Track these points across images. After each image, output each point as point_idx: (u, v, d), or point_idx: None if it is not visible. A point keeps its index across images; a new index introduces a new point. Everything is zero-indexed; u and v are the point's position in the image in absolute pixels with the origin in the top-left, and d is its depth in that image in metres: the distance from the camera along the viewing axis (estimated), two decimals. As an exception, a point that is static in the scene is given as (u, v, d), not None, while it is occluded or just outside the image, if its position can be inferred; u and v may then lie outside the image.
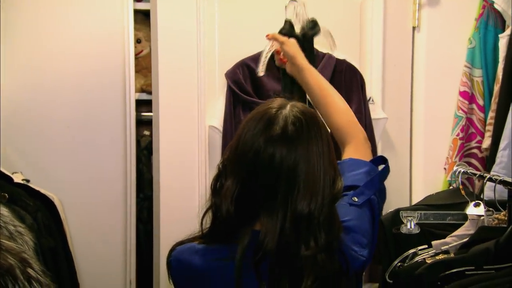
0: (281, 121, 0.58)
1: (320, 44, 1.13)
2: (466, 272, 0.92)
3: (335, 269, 0.59)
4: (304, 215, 0.58)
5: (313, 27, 1.04)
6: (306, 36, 1.03)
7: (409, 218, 1.15)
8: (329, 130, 0.68)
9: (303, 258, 0.57)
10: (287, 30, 1.02)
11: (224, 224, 0.61)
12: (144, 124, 1.44)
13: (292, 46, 0.91)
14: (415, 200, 1.22)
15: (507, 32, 1.08)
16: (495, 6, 1.09)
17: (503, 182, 0.96)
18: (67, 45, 1.29)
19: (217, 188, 0.63)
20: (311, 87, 0.79)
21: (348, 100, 1.20)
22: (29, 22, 1.23)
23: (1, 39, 1.16)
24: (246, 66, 1.16)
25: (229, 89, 1.16)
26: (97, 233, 1.31)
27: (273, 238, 0.56)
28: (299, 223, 0.58)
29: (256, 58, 1.07)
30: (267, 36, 0.96)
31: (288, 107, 0.60)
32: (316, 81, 0.79)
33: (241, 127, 0.62)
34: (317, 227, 0.59)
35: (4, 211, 1.06)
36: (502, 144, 1.11)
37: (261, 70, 0.96)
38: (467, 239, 1.02)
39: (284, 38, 0.91)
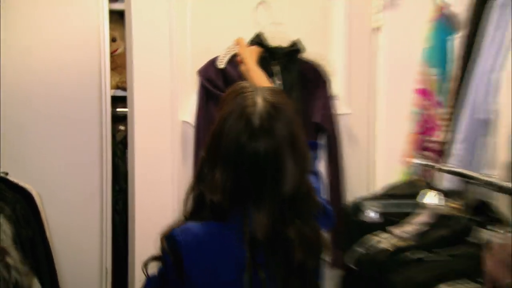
0: (257, 118, 0.66)
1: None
2: (425, 259, 1.03)
3: (318, 237, 0.73)
4: (289, 196, 0.67)
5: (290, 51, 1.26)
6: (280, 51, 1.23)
7: (371, 207, 1.26)
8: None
9: (296, 236, 0.68)
10: (256, 40, 1.21)
11: (212, 209, 0.69)
12: (119, 120, 1.52)
13: (246, 51, 1.13)
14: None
15: (460, 33, 1.19)
16: (449, 9, 1.19)
17: (459, 173, 1.06)
18: (45, 43, 1.36)
19: (202, 178, 0.71)
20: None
21: (314, 97, 1.30)
22: (5, 19, 1.26)
23: None
24: (224, 65, 1.24)
25: (202, 85, 1.23)
26: (75, 224, 1.37)
27: (264, 230, 0.66)
28: (285, 205, 0.68)
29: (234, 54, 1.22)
30: (235, 40, 1.18)
31: (261, 102, 0.68)
32: (259, 80, 0.99)
33: (220, 124, 0.70)
34: (299, 204, 0.70)
35: None
36: (457, 138, 1.21)
37: (220, 63, 1.16)
38: (425, 227, 1.13)
39: (243, 44, 1.14)
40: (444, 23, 1.25)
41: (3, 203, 1.21)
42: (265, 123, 0.68)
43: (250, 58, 1.12)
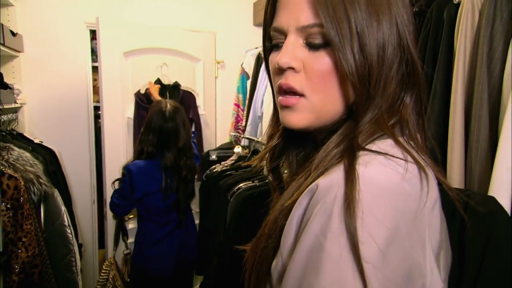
0: (167, 111, 1.86)
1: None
2: (233, 174, 2.26)
3: (194, 166, 1.90)
4: (181, 147, 1.86)
5: (174, 85, 2.44)
6: (169, 86, 2.45)
7: (213, 153, 2.51)
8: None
9: (184, 165, 1.85)
10: (157, 81, 2.40)
11: (147, 154, 1.79)
12: (97, 117, 2.72)
13: (153, 87, 2.27)
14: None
15: (250, 79, 2.53)
16: (245, 68, 2.53)
17: (248, 138, 2.39)
18: (60, 80, 2.43)
19: (141, 141, 1.86)
20: None
21: (189, 106, 2.60)
22: (28, 70, 2.45)
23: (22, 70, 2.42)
24: (145, 92, 2.51)
25: (136, 101, 2.46)
26: (76, 168, 2.49)
27: (170, 161, 1.82)
28: (180, 151, 1.86)
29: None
30: (149, 82, 2.35)
31: (168, 105, 1.89)
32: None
33: (150, 115, 1.85)
34: (187, 151, 1.89)
35: (27, 154, 1.75)
36: (248, 124, 2.51)
37: (141, 91, 2.29)
38: (234, 161, 2.34)
39: (152, 84, 2.28)
40: (243, 75, 2.59)
41: (38, 154, 1.89)
42: (171, 114, 1.92)
43: (155, 90, 2.29)
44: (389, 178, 0.44)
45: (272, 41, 0.56)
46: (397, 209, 0.42)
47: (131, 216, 2.41)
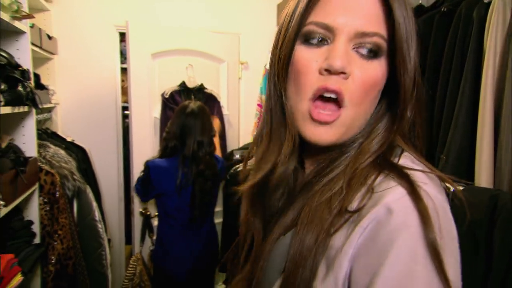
0: (191, 108, 1.95)
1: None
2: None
3: (214, 163, 1.94)
4: (202, 141, 1.89)
5: (199, 88, 2.50)
6: (194, 89, 2.51)
7: (237, 153, 2.55)
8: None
9: (203, 157, 1.87)
10: (182, 84, 2.46)
11: (171, 150, 1.86)
12: (125, 117, 2.80)
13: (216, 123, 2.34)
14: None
15: None
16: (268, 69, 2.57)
17: None
18: (92, 81, 2.55)
19: (166, 138, 1.93)
20: None
21: (213, 106, 2.64)
22: (63, 72, 2.57)
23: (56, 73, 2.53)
24: (170, 94, 2.58)
25: (163, 101, 2.56)
26: (105, 166, 2.59)
27: (190, 151, 1.85)
28: (200, 145, 1.92)
29: (175, 91, 2.47)
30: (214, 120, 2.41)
31: (193, 103, 1.96)
32: None
33: (175, 113, 1.92)
34: (207, 146, 1.88)
35: (62, 152, 1.95)
36: None
37: (165, 94, 2.37)
38: None
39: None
40: (267, 76, 2.62)
41: (72, 152, 2.05)
42: (194, 110, 1.97)
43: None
44: (442, 195, 0.46)
45: (309, 36, 0.50)
46: (453, 223, 0.45)
47: (157, 213, 2.48)
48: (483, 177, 1.08)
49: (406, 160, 0.50)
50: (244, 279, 0.59)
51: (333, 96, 0.49)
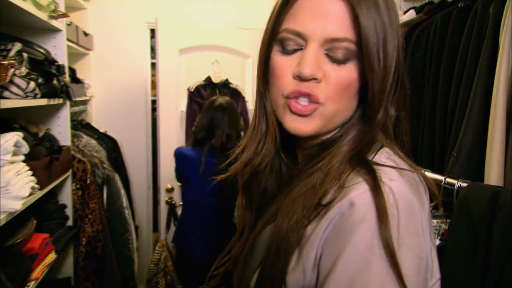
0: (219, 102, 2.01)
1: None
2: None
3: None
4: (230, 134, 1.96)
5: (224, 83, 2.57)
6: (219, 84, 2.58)
7: None
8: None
9: (228, 147, 1.91)
10: (208, 79, 2.55)
11: (200, 140, 1.92)
12: (154, 110, 2.94)
13: None
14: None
15: None
16: None
17: None
18: (124, 76, 2.69)
19: (195, 130, 2.01)
20: None
21: (238, 101, 2.71)
22: (98, 68, 2.73)
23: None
24: (196, 88, 2.68)
25: (188, 95, 2.66)
26: (134, 156, 2.72)
27: (218, 142, 1.91)
28: (229, 137, 1.96)
29: (201, 85, 2.59)
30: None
31: (220, 98, 2.03)
32: None
33: (203, 108, 2.00)
34: (235, 139, 1.96)
35: (93, 141, 2.04)
36: None
37: (191, 88, 2.46)
38: None
39: None
40: None
41: (102, 142, 2.16)
42: (223, 104, 2.03)
43: None
44: (412, 190, 0.48)
45: (283, 43, 0.53)
46: (419, 218, 0.47)
47: (182, 203, 2.59)
48: (493, 174, 1.08)
49: (381, 156, 0.53)
50: (235, 271, 0.63)
51: (307, 99, 0.53)
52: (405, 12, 1.65)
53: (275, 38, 0.55)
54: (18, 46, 1.30)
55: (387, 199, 0.45)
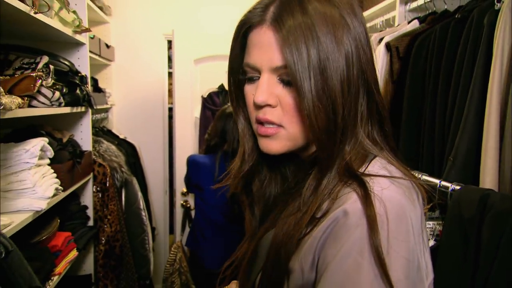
0: (229, 109, 2.11)
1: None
2: None
3: None
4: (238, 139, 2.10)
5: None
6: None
7: None
8: None
9: (236, 151, 2.05)
10: (221, 86, 2.64)
11: (212, 147, 1.98)
12: (170, 117, 3.05)
13: None
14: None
15: None
16: None
17: None
18: (145, 83, 2.89)
19: (209, 137, 2.09)
20: None
21: None
22: (119, 76, 2.88)
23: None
24: (209, 94, 2.79)
25: (202, 102, 2.77)
26: (152, 161, 2.85)
27: (230, 148, 1.97)
28: (238, 144, 2.11)
29: (214, 92, 2.70)
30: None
31: (229, 107, 2.12)
32: None
33: (216, 118, 2.08)
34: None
35: (113, 147, 2.17)
36: None
37: (204, 95, 2.56)
38: None
39: None
40: None
41: (122, 147, 2.31)
42: (232, 114, 2.16)
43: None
44: (405, 197, 0.51)
45: (246, 75, 0.59)
46: (409, 222, 0.50)
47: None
48: (488, 179, 1.11)
49: (375, 165, 0.55)
50: (239, 273, 0.68)
51: (267, 123, 0.58)
52: (409, 22, 1.70)
53: (242, 73, 0.61)
54: (45, 59, 1.43)
55: (378, 210, 0.48)
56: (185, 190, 2.64)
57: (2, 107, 1.02)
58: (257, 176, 0.70)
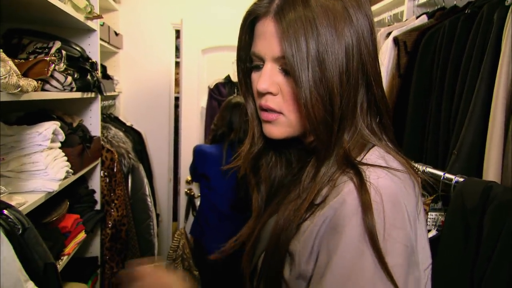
0: (235, 100, 2.12)
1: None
2: None
3: None
4: (246, 129, 1.99)
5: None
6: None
7: None
8: None
9: (242, 140, 2.08)
10: (227, 77, 2.66)
11: (219, 137, 2.02)
12: (176, 107, 3.08)
13: None
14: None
15: None
16: None
17: None
18: (152, 71, 2.90)
19: (215, 127, 2.08)
20: None
21: None
22: (127, 66, 2.89)
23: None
24: (216, 85, 2.81)
25: (209, 92, 2.79)
26: (157, 149, 2.88)
27: (236, 137, 1.98)
28: (246, 132, 2.05)
29: (220, 83, 2.71)
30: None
31: (238, 97, 2.13)
32: None
33: (222, 108, 2.11)
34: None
35: (121, 133, 2.20)
36: None
37: (210, 85, 2.58)
38: None
39: None
40: None
41: (129, 134, 2.32)
42: (239, 102, 2.14)
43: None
44: (401, 186, 0.53)
45: (252, 63, 0.62)
46: (405, 209, 0.51)
47: (199, 195, 2.73)
48: (491, 172, 1.14)
49: (372, 155, 0.57)
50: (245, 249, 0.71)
51: (268, 110, 0.61)
52: (417, 17, 1.70)
53: (249, 61, 0.64)
54: (58, 44, 1.45)
55: (374, 198, 0.49)
56: (189, 178, 2.68)
57: (19, 89, 1.04)
58: (264, 158, 0.73)
